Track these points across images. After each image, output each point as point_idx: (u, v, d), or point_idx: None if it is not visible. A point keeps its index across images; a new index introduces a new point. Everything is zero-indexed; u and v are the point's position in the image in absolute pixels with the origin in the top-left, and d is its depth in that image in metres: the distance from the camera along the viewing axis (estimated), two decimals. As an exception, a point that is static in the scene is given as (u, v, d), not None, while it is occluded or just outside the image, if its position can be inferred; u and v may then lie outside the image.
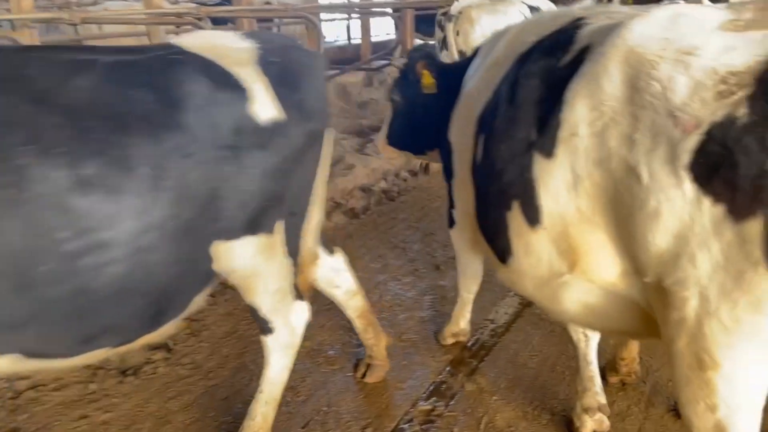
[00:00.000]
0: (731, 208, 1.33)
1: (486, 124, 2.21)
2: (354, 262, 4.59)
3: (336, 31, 16.69)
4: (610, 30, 1.68)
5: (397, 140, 3.56)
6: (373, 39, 15.50)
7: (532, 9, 6.78)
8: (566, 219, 1.76)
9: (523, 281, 2.07)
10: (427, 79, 3.00)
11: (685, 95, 1.42)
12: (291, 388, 3.14)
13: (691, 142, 1.39)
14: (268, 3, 10.57)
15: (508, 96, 2.03)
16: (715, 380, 1.41)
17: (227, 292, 4.10)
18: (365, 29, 9.40)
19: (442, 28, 7.25)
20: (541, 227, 1.84)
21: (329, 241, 3.20)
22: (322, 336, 3.62)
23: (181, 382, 3.23)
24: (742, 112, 1.31)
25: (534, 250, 1.90)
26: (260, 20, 9.94)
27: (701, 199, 1.37)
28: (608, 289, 1.79)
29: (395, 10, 10.74)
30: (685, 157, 1.39)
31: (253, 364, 3.35)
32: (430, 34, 11.49)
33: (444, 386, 3.16)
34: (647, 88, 1.49)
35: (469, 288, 3.45)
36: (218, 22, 9.77)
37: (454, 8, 6.97)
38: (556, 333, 3.58)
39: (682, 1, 3.19)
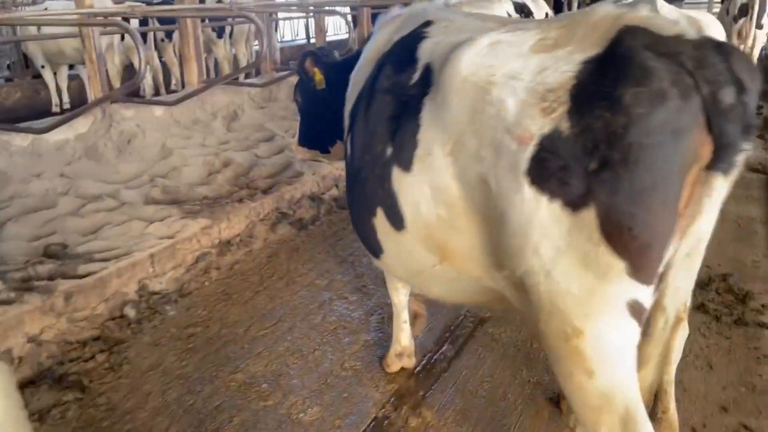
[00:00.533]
0: (567, 202, 1.54)
1: (351, 124, 2.39)
2: (299, 280, 4.32)
3: (296, 29, 16.32)
4: (445, 55, 1.88)
5: (304, 140, 3.54)
6: (334, 38, 15.18)
7: (517, 5, 6.53)
8: (429, 225, 1.98)
9: (397, 271, 2.33)
10: (317, 75, 3.03)
11: (516, 114, 1.62)
12: (214, 431, 2.83)
13: (527, 152, 1.59)
14: (219, 2, 10.17)
15: (366, 105, 2.24)
16: (582, 346, 1.56)
17: (155, 318, 3.76)
18: (319, 28, 9.06)
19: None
20: (406, 231, 2.07)
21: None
22: (256, 366, 3.30)
23: (92, 428, 2.87)
24: (566, 125, 1.53)
25: (404, 249, 2.15)
26: (207, 19, 9.54)
27: (539, 198, 1.58)
28: (474, 279, 2.01)
29: (352, 8, 10.44)
30: (523, 164, 1.60)
31: (176, 403, 3.01)
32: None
33: (386, 422, 2.87)
34: (485, 111, 1.69)
35: (396, 288, 3.13)
36: (164, 22, 9.35)
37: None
38: (509, 355, 3.33)
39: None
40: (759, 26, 10.00)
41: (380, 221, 2.16)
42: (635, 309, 1.53)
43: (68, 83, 9.83)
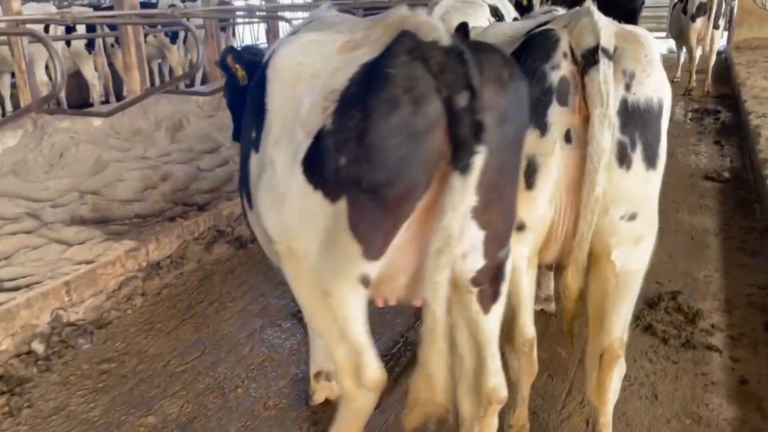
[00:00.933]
0: (326, 193, 1.75)
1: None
2: (231, 305, 4.05)
3: (256, 33, 15.99)
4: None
5: (237, 135, 3.40)
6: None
7: (492, 9, 6.36)
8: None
9: (264, 249, 2.52)
10: (239, 72, 3.02)
11: (308, 110, 1.78)
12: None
13: (305, 144, 1.77)
14: (172, 6, 9.84)
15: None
16: (331, 302, 1.90)
17: (66, 353, 3.46)
18: (273, 33, 8.79)
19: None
20: (254, 211, 2.20)
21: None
22: (171, 408, 3.02)
23: (-25, 487, 2.58)
24: (329, 122, 1.71)
25: (256, 230, 2.34)
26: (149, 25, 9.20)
27: (306, 186, 1.78)
28: None
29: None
30: (301, 155, 1.79)
31: (74, 454, 2.74)
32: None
33: (305, 471, 2.64)
34: (289, 104, 1.85)
35: None
36: (113, 28, 8.98)
37: (440, 6, 6.50)
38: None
39: (560, 10, 2.86)
40: (716, 26, 9.99)
41: (245, 203, 2.33)
42: (364, 279, 1.83)
43: (11, 92, 9.40)
